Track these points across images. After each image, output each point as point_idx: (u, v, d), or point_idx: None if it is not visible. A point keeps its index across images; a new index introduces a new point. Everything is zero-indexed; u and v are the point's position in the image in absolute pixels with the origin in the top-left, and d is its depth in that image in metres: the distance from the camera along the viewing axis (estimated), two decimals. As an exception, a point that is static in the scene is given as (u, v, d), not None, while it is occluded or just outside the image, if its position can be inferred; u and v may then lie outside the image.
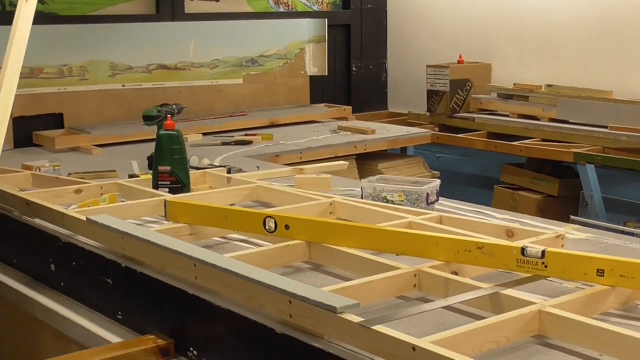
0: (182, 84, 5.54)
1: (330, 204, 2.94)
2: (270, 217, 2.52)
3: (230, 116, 5.53)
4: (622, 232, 3.86)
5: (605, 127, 5.29)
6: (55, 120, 5.11)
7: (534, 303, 1.94)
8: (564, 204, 5.25)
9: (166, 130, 3.33)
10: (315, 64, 6.14)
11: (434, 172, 5.46)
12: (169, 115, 3.61)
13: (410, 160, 5.49)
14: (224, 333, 2.16)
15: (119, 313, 2.57)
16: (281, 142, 4.92)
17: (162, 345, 2.31)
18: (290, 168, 3.77)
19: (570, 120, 5.55)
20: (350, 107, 6.15)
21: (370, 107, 6.87)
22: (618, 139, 5.16)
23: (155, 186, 3.27)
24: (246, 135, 5.05)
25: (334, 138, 5.12)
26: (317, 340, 1.89)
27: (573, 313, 1.89)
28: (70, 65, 5.14)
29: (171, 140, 3.29)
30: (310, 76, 6.16)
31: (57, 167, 4.00)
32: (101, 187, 3.28)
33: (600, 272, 2.03)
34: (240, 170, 3.74)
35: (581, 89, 5.67)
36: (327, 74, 6.21)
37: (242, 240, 2.74)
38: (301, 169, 3.66)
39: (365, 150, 5.11)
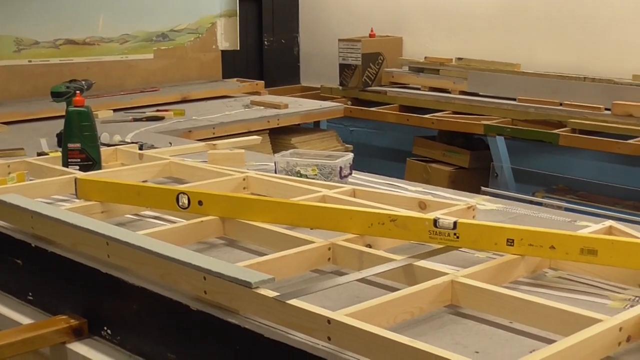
0: (92, 60, 5.43)
1: (244, 179, 2.93)
2: (184, 193, 2.50)
3: (142, 92, 5.45)
4: (531, 202, 3.95)
5: (514, 99, 5.40)
6: (-41, 98, 4.97)
7: (446, 274, 1.97)
8: (475, 176, 5.35)
9: (75, 106, 3.27)
10: (226, 38, 6.09)
11: (347, 145, 5.49)
12: (78, 92, 3.54)
13: (324, 134, 5.50)
14: (139, 311, 2.14)
15: (30, 294, 2.52)
16: (194, 117, 4.87)
17: (74, 325, 2.28)
18: (203, 144, 3.75)
19: (481, 93, 5.65)
20: (263, 81, 6.12)
21: (283, 81, 6.86)
22: (526, 111, 5.27)
23: (65, 164, 3.21)
24: (158, 111, 4.99)
25: (247, 113, 5.09)
26: (233, 316, 1.89)
27: (484, 282, 1.92)
28: (-27, 40, 5.00)
29: (81, 117, 3.23)
30: (222, 51, 6.11)
31: (-38, 146, 3.89)
32: (8, 166, 3.21)
33: (510, 242, 2.07)
34: (152, 147, 3.70)
35: (490, 62, 5.76)
36: (239, 48, 6.16)
37: (155, 217, 2.71)
38: (214, 145, 3.64)
39: (278, 124, 5.10)
